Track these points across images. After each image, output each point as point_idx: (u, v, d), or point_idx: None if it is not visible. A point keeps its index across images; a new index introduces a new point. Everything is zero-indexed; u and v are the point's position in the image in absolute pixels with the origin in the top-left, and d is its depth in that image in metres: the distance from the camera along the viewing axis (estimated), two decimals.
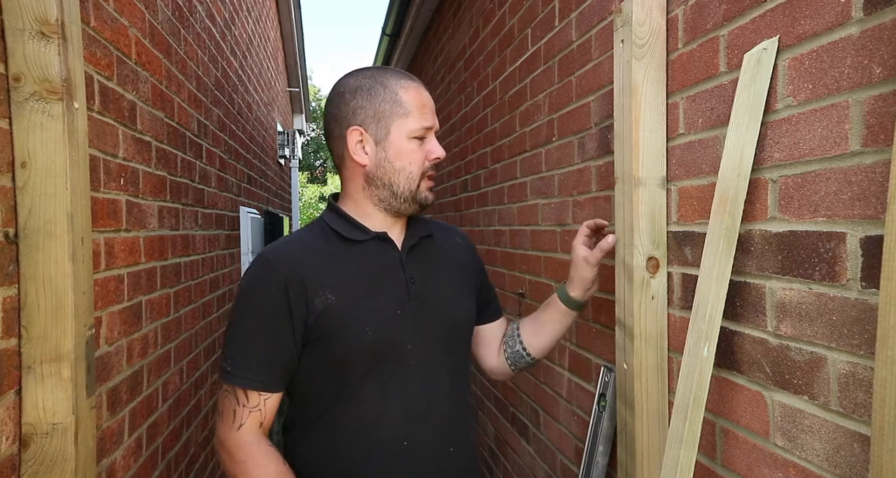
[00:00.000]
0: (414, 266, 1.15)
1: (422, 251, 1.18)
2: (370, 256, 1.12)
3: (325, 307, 1.04)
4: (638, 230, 1.16)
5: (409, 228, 1.19)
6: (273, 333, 1.04)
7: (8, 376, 0.96)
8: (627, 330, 1.21)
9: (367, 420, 1.08)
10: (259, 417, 1.05)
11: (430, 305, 1.14)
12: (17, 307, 0.98)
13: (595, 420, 1.47)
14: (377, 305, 1.09)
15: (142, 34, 1.64)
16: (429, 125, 1.10)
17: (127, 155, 1.50)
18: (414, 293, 1.12)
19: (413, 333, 1.11)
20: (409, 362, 1.10)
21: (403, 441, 1.09)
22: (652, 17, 1.15)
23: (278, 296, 1.03)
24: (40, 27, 0.96)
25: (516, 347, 1.28)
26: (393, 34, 4.54)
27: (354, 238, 1.11)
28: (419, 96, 1.10)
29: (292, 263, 1.06)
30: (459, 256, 1.27)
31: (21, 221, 0.97)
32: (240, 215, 3.16)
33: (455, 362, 1.19)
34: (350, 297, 1.07)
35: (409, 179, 1.10)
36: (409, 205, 1.13)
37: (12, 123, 0.96)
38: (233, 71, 3.14)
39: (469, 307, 1.23)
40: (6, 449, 0.95)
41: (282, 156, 6.00)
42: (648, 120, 1.16)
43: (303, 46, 7.15)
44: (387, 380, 1.09)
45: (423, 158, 1.11)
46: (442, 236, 1.26)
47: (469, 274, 1.26)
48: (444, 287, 1.18)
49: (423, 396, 1.12)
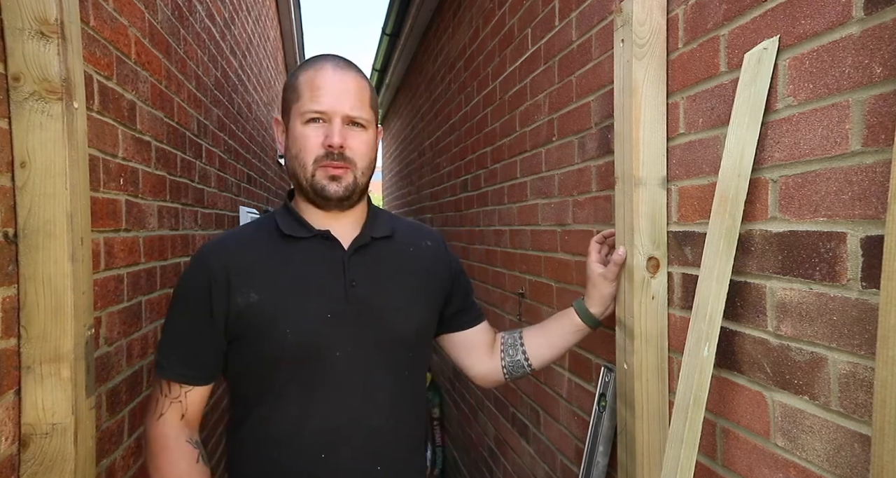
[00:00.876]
0: (359, 268, 1.07)
1: (373, 252, 1.10)
2: (310, 255, 1.06)
3: (246, 305, 1.01)
4: (638, 230, 1.16)
5: (364, 226, 1.12)
6: (194, 327, 1.04)
7: (7, 376, 0.95)
8: (628, 330, 1.21)
9: (287, 427, 1.03)
10: (180, 408, 1.04)
11: (370, 311, 1.05)
12: (17, 307, 0.97)
13: (595, 420, 1.47)
14: (303, 307, 1.02)
15: (141, 34, 1.64)
16: (320, 108, 0.99)
17: (126, 155, 1.50)
18: (352, 297, 1.04)
19: (345, 340, 1.03)
20: (338, 369, 1.02)
21: (321, 454, 1.02)
22: (652, 16, 1.15)
23: (202, 290, 1.03)
24: (40, 27, 0.95)
25: (517, 356, 1.23)
26: (393, 34, 4.54)
27: (295, 235, 1.06)
28: (314, 78, 1.01)
29: (223, 258, 1.04)
30: (424, 260, 1.17)
31: (20, 221, 0.97)
32: (239, 215, 3.16)
33: (397, 375, 1.08)
34: (275, 296, 1.02)
35: (303, 167, 1.03)
36: (314, 196, 1.04)
37: (12, 122, 0.96)
38: (232, 71, 3.14)
39: (422, 316, 1.13)
40: (5, 449, 0.95)
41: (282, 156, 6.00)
42: (648, 120, 1.16)
43: (303, 46, 7.15)
44: (311, 386, 1.02)
45: (318, 143, 1.01)
46: (406, 238, 1.17)
47: (432, 281, 1.17)
48: (393, 293, 1.09)
49: (349, 407, 1.03)
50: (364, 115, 1.03)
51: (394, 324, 1.08)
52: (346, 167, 1.03)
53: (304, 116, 1.01)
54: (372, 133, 1.06)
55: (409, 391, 1.11)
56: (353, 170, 1.04)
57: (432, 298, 1.17)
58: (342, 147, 1.00)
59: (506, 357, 1.23)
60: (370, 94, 1.06)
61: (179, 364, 1.05)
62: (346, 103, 1.00)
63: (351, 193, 1.04)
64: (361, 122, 1.03)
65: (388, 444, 1.07)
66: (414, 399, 1.14)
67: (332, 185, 1.02)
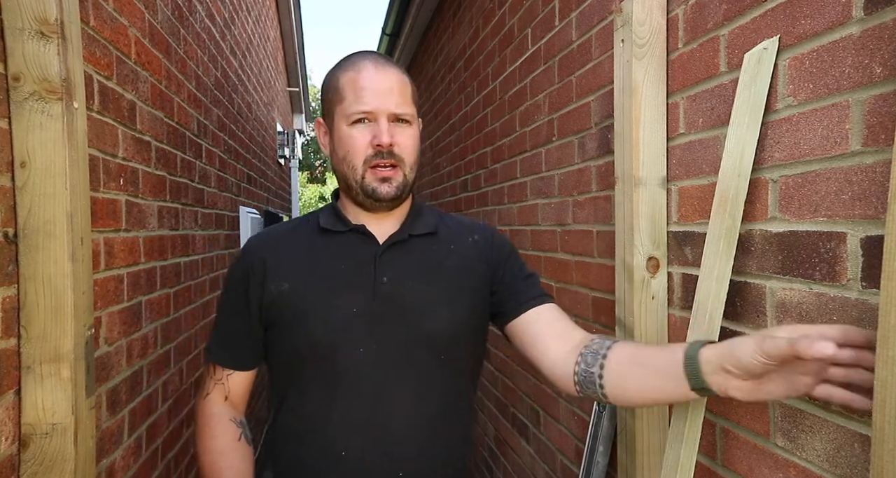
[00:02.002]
0: (391, 265, 1.05)
1: (409, 250, 1.07)
2: (343, 250, 1.06)
3: (278, 294, 1.04)
4: (638, 230, 1.16)
5: (404, 223, 1.09)
6: (235, 316, 1.09)
7: (7, 376, 0.95)
8: (627, 330, 1.21)
9: (310, 421, 1.04)
10: (223, 390, 1.10)
11: (399, 309, 1.02)
12: (17, 307, 0.97)
13: (595, 420, 1.47)
14: (330, 301, 1.02)
15: (141, 34, 1.64)
16: (366, 109, 0.99)
17: (126, 155, 1.50)
18: (381, 294, 1.02)
19: (370, 338, 1.01)
20: (361, 367, 1.01)
21: (342, 451, 1.02)
22: (652, 16, 1.15)
23: (242, 278, 1.07)
24: (39, 27, 0.95)
25: (593, 367, 0.94)
26: (393, 34, 4.54)
27: (332, 229, 1.07)
28: (357, 79, 1.00)
29: (262, 249, 1.09)
30: (466, 258, 1.10)
31: (20, 221, 0.97)
32: (239, 215, 3.16)
33: (421, 378, 1.04)
34: (305, 288, 1.03)
35: (352, 169, 1.02)
36: (364, 198, 1.03)
37: (12, 122, 0.96)
38: (232, 71, 3.14)
39: (456, 318, 1.06)
40: (5, 449, 0.95)
41: (282, 156, 6.00)
42: (648, 120, 1.16)
43: (303, 46, 7.15)
44: (333, 382, 1.02)
45: (366, 144, 1.00)
46: (450, 235, 1.13)
47: (472, 279, 1.09)
48: (427, 292, 1.05)
49: (368, 406, 1.01)
50: (408, 111, 1.02)
51: (423, 324, 1.03)
52: (396, 166, 1.02)
53: (349, 118, 1.01)
54: (416, 128, 1.06)
55: (436, 395, 1.04)
56: (402, 167, 1.03)
57: (472, 298, 1.08)
58: (391, 145, 1.00)
59: (581, 363, 0.96)
60: (411, 89, 1.05)
61: (221, 349, 1.10)
62: (391, 101, 1.00)
63: (402, 191, 1.04)
64: (406, 117, 1.02)
65: (409, 449, 1.02)
66: (443, 404, 1.06)
67: (384, 186, 1.01)
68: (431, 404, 1.05)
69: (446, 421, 1.07)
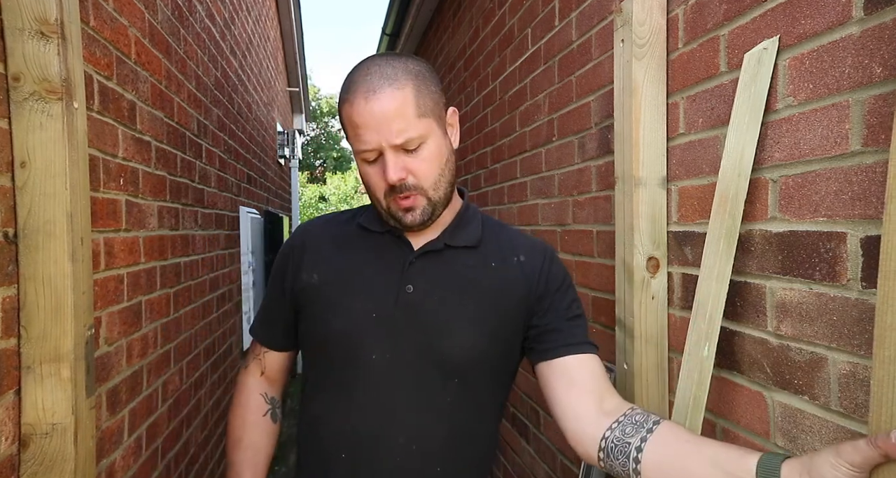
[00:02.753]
0: (420, 274, 1.00)
1: (443, 261, 1.01)
2: (376, 251, 1.03)
3: (307, 283, 1.04)
4: (638, 230, 1.16)
5: (444, 232, 1.03)
6: (275, 296, 1.11)
7: (7, 376, 0.95)
8: (627, 330, 1.21)
9: (318, 418, 1.04)
10: (259, 365, 1.14)
11: (418, 321, 0.97)
12: (17, 307, 0.98)
13: None
14: (352, 300, 1.00)
15: (141, 34, 1.64)
16: (367, 148, 0.92)
17: (126, 155, 1.50)
18: (403, 302, 0.98)
19: (384, 345, 0.98)
20: (370, 373, 0.98)
21: (342, 454, 1.00)
22: (652, 16, 1.15)
23: (283, 264, 1.10)
24: (40, 27, 0.96)
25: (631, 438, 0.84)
26: (393, 34, 4.54)
27: (371, 228, 1.05)
28: (351, 115, 0.93)
29: (305, 235, 1.10)
30: (506, 279, 1.01)
31: (20, 221, 0.97)
32: (239, 215, 3.16)
33: (433, 398, 0.98)
34: (332, 281, 1.02)
35: (377, 200, 0.98)
36: (397, 223, 0.99)
37: (12, 122, 0.96)
38: (232, 71, 3.14)
39: (478, 342, 0.98)
40: (6, 449, 0.95)
41: (282, 156, 6.00)
42: (648, 120, 1.16)
43: (302, 46, 7.15)
44: (342, 384, 1.00)
45: (380, 180, 0.95)
46: (496, 251, 1.04)
47: (510, 302, 1.00)
48: (452, 309, 0.98)
49: (371, 417, 0.98)
50: (414, 135, 0.92)
51: (441, 343, 0.97)
52: (415, 195, 0.95)
53: (359, 157, 0.97)
54: (433, 142, 0.95)
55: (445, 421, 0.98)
56: (423, 193, 0.95)
57: (502, 324, 1.00)
58: (402, 180, 0.93)
59: (617, 430, 0.86)
60: (416, 101, 0.93)
61: (260, 327, 1.15)
62: (390, 133, 0.91)
63: (430, 214, 0.97)
64: (412, 145, 0.93)
65: (411, 472, 0.98)
66: (451, 431, 0.99)
67: (408, 215, 0.96)
68: (438, 427, 0.98)
69: (452, 448, 0.99)
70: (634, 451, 0.82)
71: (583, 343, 0.98)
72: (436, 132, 0.96)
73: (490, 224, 1.08)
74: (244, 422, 1.12)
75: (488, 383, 1.02)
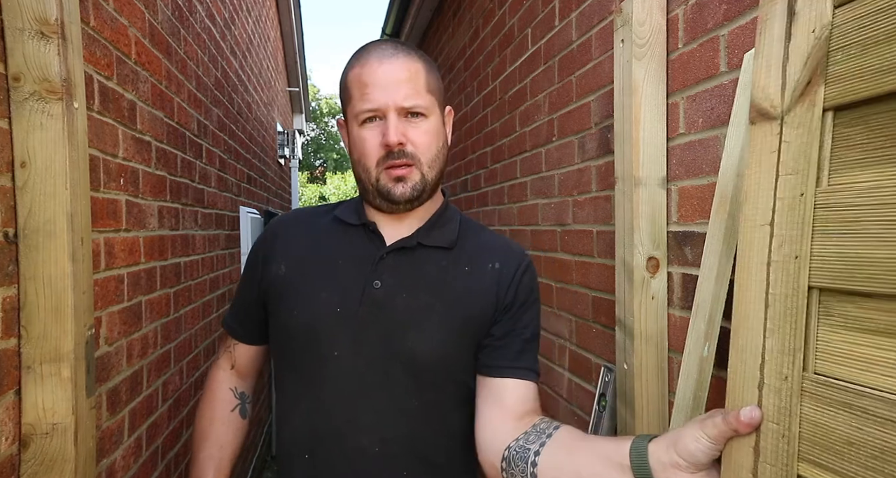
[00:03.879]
0: (390, 271, 0.97)
1: (414, 259, 0.99)
2: (350, 244, 1.01)
3: (275, 275, 1.03)
4: (638, 230, 1.16)
5: (420, 229, 1.01)
6: (245, 288, 1.11)
7: (8, 376, 0.96)
8: (627, 330, 1.21)
9: (286, 411, 1.01)
10: (230, 358, 1.13)
11: (384, 319, 0.95)
12: (17, 307, 0.98)
13: (595, 420, 1.47)
14: (317, 294, 0.97)
15: (142, 34, 1.64)
16: (371, 106, 0.91)
17: (127, 155, 1.50)
18: (368, 299, 0.95)
19: (347, 342, 0.95)
20: (332, 371, 0.95)
21: (304, 454, 0.98)
22: (652, 16, 1.15)
23: (255, 255, 1.09)
24: (40, 27, 0.96)
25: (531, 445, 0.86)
26: (393, 34, 4.54)
27: (346, 220, 1.03)
28: (361, 75, 0.92)
29: (278, 228, 1.09)
30: (478, 283, 0.99)
31: (21, 221, 0.97)
32: (240, 215, 3.16)
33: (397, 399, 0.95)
34: (299, 274, 1.00)
35: (366, 171, 0.95)
36: (381, 201, 0.97)
37: (12, 122, 0.96)
38: (233, 71, 3.14)
39: (445, 341, 0.96)
40: (6, 449, 0.95)
41: (282, 156, 6.00)
42: (648, 120, 1.16)
43: (303, 46, 7.15)
44: (307, 381, 0.97)
45: (377, 145, 0.92)
46: (470, 255, 1.01)
47: (478, 308, 0.98)
48: (420, 308, 0.95)
49: (332, 416, 0.95)
50: (421, 103, 0.92)
51: (406, 340, 0.94)
52: (411, 165, 0.94)
53: (358, 118, 0.94)
54: (434, 120, 0.95)
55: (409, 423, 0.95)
56: (419, 166, 0.94)
57: (469, 328, 0.98)
58: (401, 144, 0.92)
59: (521, 439, 0.88)
60: (426, 77, 0.94)
61: (231, 318, 1.13)
62: (398, 94, 0.90)
63: (420, 192, 0.95)
64: (420, 110, 0.93)
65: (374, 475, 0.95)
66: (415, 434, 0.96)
67: (398, 186, 0.94)
68: (400, 429, 0.95)
69: (418, 452, 0.97)
70: (533, 455, 0.84)
71: (526, 369, 0.97)
72: (437, 113, 0.97)
73: (469, 226, 1.06)
74: (212, 417, 1.12)
75: (458, 386, 0.99)
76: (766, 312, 0.61)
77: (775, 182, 0.61)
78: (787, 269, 0.59)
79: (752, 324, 0.63)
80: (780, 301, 0.60)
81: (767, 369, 0.61)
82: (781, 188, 0.60)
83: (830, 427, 0.56)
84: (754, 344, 0.62)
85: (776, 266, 0.60)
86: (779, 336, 0.60)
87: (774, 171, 0.61)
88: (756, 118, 0.64)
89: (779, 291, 0.60)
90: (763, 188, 0.62)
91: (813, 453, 0.57)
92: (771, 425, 0.61)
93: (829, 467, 0.55)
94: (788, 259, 0.59)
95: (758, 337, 0.62)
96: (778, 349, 0.60)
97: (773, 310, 0.60)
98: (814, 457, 0.57)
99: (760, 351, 0.62)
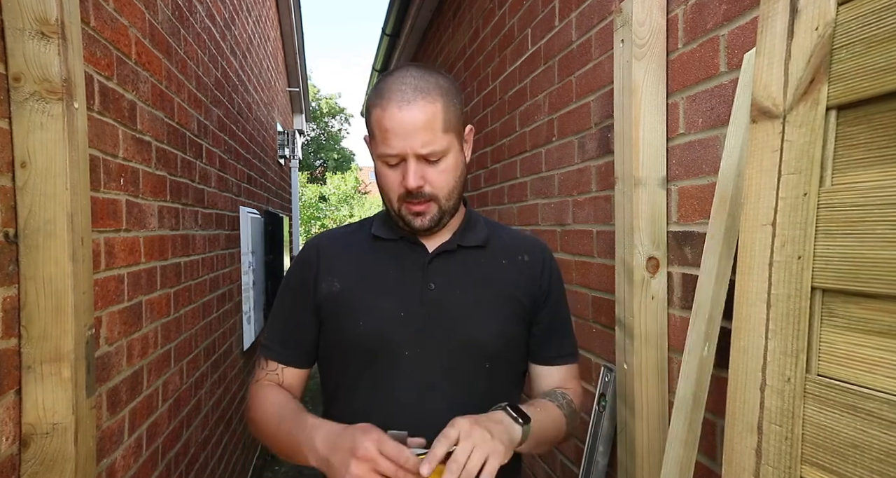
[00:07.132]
0: (439, 273, 1.07)
1: (458, 260, 1.09)
2: (395, 256, 1.09)
3: (329, 293, 1.07)
4: (638, 230, 1.16)
5: (455, 234, 1.10)
6: (293, 312, 1.12)
7: (8, 376, 0.95)
8: (627, 330, 1.21)
9: (357, 411, 1.04)
10: (276, 378, 1.12)
11: (444, 314, 1.05)
12: (17, 307, 0.98)
13: (595, 420, 1.47)
14: (378, 303, 1.05)
15: (142, 34, 1.64)
16: (391, 152, 0.98)
17: (127, 155, 1.50)
18: (427, 299, 1.05)
19: (415, 341, 1.04)
20: (404, 369, 1.04)
21: None
22: (652, 17, 1.15)
23: (299, 276, 1.11)
24: (40, 27, 0.96)
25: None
26: (393, 34, 4.54)
27: (383, 236, 1.11)
28: (382, 119, 0.99)
29: (318, 248, 1.12)
30: (517, 274, 1.11)
31: (21, 221, 0.97)
32: (240, 215, 3.16)
33: (466, 385, 1.05)
34: (354, 288, 1.07)
35: (390, 202, 1.05)
36: (406, 226, 1.06)
37: (12, 122, 0.96)
38: (233, 71, 3.14)
39: (502, 324, 1.07)
40: (6, 449, 0.95)
41: (282, 156, 6.00)
42: (648, 120, 1.16)
43: (303, 46, 7.15)
44: (377, 384, 1.05)
45: (398, 184, 1.01)
46: (502, 250, 1.13)
47: (522, 294, 1.10)
48: (473, 301, 1.07)
49: (408, 410, 1.03)
50: (437, 148, 0.99)
51: (467, 329, 1.05)
52: (430, 201, 1.02)
53: (380, 158, 1.02)
54: (452, 156, 1.02)
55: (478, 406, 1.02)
56: (437, 201, 1.03)
57: (517, 312, 1.09)
58: (420, 188, 1.00)
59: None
60: (444, 116, 1.00)
61: (279, 345, 1.12)
62: (416, 142, 0.98)
63: (439, 220, 1.05)
64: (435, 157, 1.00)
65: None
66: None
67: (417, 219, 1.03)
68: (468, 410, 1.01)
69: None
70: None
71: (570, 355, 1.14)
72: (455, 147, 1.04)
73: (489, 224, 1.16)
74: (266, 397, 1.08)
75: (511, 367, 1.11)
76: (768, 312, 0.61)
77: (777, 182, 0.61)
78: (790, 269, 0.59)
79: (753, 325, 0.63)
80: (782, 302, 0.60)
81: (769, 370, 0.61)
82: (784, 188, 0.60)
83: (834, 430, 0.55)
84: (756, 345, 0.62)
85: (778, 266, 0.60)
86: (781, 337, 0.60)
87: (776, 170, 0.61)
88: (757, 117, 0.64)
89: (781, 291, 0.60)
90: (764, 188, 0.62)
91: (816, 455, 0.57)
92: (773, 427, 0.60)
93: (833, 470, 0.55)
94: (791, 259, 0.59)
95: (760, 338, 0.62)
96: (780, 351, 0.60)
97: (775, 311, 0.60)
98: (817, 459, 0.57)
99: (762, 352, 0.61)
